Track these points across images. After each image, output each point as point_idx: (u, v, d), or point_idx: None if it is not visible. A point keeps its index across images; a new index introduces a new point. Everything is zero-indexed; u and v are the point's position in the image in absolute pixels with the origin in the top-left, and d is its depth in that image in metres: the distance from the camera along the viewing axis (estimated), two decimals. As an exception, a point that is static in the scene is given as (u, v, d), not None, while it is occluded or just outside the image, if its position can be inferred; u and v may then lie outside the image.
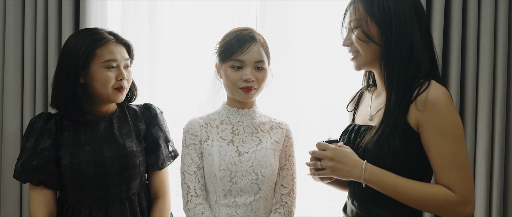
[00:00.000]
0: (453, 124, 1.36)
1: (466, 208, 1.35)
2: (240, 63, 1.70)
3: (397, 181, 1.39)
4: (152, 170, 1.92)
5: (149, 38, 2.40)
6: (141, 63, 2.35)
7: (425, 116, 1.38)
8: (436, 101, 1.37)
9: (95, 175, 1.74)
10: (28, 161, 1.72)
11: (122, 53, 1.80)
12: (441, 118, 1.36)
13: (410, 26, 1.44)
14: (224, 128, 1.80)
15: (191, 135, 1.78)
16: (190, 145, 1.77)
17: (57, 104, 1.77)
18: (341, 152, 1.45)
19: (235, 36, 1.73)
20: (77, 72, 1.71)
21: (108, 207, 1.78)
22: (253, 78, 1.70)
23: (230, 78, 1.72)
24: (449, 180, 1.36)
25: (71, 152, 1.75)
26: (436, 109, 1.37)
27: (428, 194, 1.37)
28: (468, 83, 2.19)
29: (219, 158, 1.72)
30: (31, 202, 1.76)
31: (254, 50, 1.71)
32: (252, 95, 1.74)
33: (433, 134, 1.37)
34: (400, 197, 1.39)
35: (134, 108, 1.95)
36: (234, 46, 1.71)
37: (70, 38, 1.77)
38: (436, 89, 1.38)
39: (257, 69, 1.72)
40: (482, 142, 2.19)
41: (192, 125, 1.80)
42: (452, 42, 2.17)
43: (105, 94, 1.76)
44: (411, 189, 1.38)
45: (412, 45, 1.43)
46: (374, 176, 1.41)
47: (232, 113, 1.81)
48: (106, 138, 1.80)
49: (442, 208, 1.36)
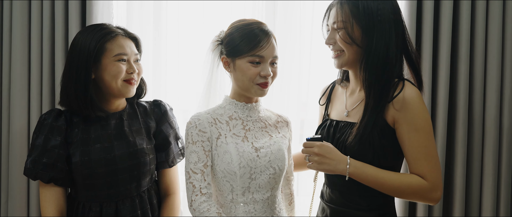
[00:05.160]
0: (425, 121, 1.54)
1: (437, 193, 1.54)
2: (259, 59, 1.65)
3: (378, 173, 1.56)
4: (162, 168, 1.91)
5: (154, 36, 2.40)
6: (146, 60, 2.34)
7: (401, 114, 1.55)
8: (411, 101, 1.54)
9: (105, 173, 1.74)
10: (38, 158, 1.72)
11: (132, 47, 1.80)
12: (415, 116, 1.53)
13: (388, 32, 1.57)
14: (235, 124, 1.74)
15: (199, 131, 1.68)
16: (197, 141, 1.68)
17: (67, 102, 1.75)
18: (327, 148, 1.59)
19: (255, 29, 1.67)
20: (89, 68, 1.69)
21: (119, 204, 1.78)
22: (270, 73, 1.67)
23: (247, 74, 1.66)
24: (422, 170, 1.54)
25: (82, 149, 1.74)
26: (411, 108, 1.54)
27: (404, 182, 1.54)
28: (476, 81, 2.19)
29: (238, 155, 1.66)
30: (41, 199, 1.75)
31: (272, 46, 1.68)
32: (267, 91, 1.71)
33: (408, 130, 1.54)
34: (380, 187, 1.56)
35: (144, 105, 1.94)
36: (255, 39, 1.65)
37: (78, 35, 1.76)
38: (411, 90, 1.55)
39: (272, 65, 1.70)
40: (490, 140, 2.19)
41: (200, 120, 1.70)
42: (460, 40, 2.17)
43: (115, 87, 1.74)
44: (390, 179, 1.55)
45: (388, 50, 1.57)
46: (357, 169, 1.56)
47: (240, 107, 1.75)
48: (117, 135, 1.79)
49: (416, 194, 1.55)
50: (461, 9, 2.18)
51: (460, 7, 2.18)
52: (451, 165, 2.26)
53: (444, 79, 2.18)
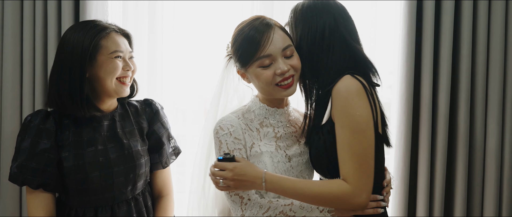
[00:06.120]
0: (350, 117, 1.41)
1: (360, 198, 1.42)
2: (268, 59, 1.51)
3: (296, 185, 1.47)
4: (155, 169, 1.87)
5: (149, 35, 2.37)
6: (141, 60, 2.31)
7: (333, 108, 1.46)
8: (338, 95, 1.44)
9: (100, 177, 1.68)
10: (25, 163, 1.63)
11: (126, 44, 1.75)
12: (342, 111, 1.43)
13: None
14: (266, 132, 1.62)
15: (234, 139, 1.55)
16: (234, 150, 1.55)
17: (59, 103, 1.66)
18: (240, 170, 1.49)
19: (248, 32, 1.53)
20: (84, 66, 1.62)
21: (114, 209, 1.73)
22: (288, 67, 1.52)
23: (262, 79, 1.53)
24: (345, 172, 1.43)
25: (74, 153, 1.68)
26: (338, 102, 1.44)
27: (325, 190, 1.44)
28: (478, 81, 2.18)
29: (272, 166, 1.57)
30: (30, 206, 1.67)
31: (276, 38, 1.52)
32: (294, 87, 1.56)
33: (336, 126, 1.45)
34: (301, 198, 1.48)
35: (135, 104, 1.89)
36: (252, 43, 1.51)
37: (68, 33, 1.68)
38: (342, 82, 1.44)
39: (287, 57, 1.54)
40: (492, 139, 2.17)
41: (234, 127, 1.56)
42: (462, 40, 2.16)
43: (110, 86, 1.68)
44: (309, 188, 1.46)
45: None
46: (274, 184, 1.47)
47: (271, 113, 1.64)
48: (110, 137, 1.75)
49: (338, 200, 1.43)
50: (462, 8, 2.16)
51: (461, 7, 2.16)
52: (452, 164, 2.24)
53: (445, 78, 2.16)
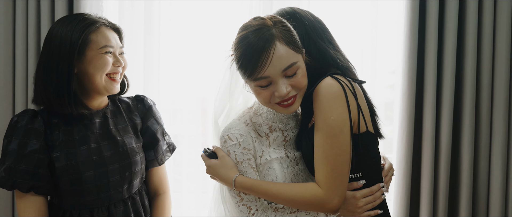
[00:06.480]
0: (324, 121, 1.39)
1: (332, 202, 1.40)
2: (265, 81, 1.39)
3: (268, 189, 1.45)
4: (151, 166, 1.82)
5: (145, 34, 2.34)
6: (137, 58, 2.29)
7: (314, 110, 1.43)
8: (316, 97, 1.41)
9: (94, 176, 1.62)
10: (14, 165, 1.55)
11: (116, 39, 1.69)
12: (318, 114, 1.40)
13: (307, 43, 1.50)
14: (275, 137, 1.55)
15: (243, 149, 1.48)
16: (243, 161, 1.49)
17: (46, 100, 1.60)
18: (213, 170, 1.54)
19: (248, 45, 1.37)
20: (72, 61, 1.56)
21: (111, 209, 1.67)
22: (288, 90, 1.40)
23: (260, 97, 1.44)
24: (318, 175, 1.42)
25: (66, 152, 1.61)
26: (316, 104, 1.41)
27: (297, 194, 1.42)
28: (483, 78, 2.17)
29: (282, 173, 1.52)
30: (20, 211, 1.60)
31: (277, 58, 1.36)
32: (296, 105, 1.45)
33: (315, 128, 1.43)
34: (275, 201, 1.46)
35: (126, 101, 1.84)
36: (250, 62, 1.37)
37: (55, 26, 1.60)
38: (324, 83, 1.41)
39: (290, 76, 1.41)
40: (498, 137, 2.16)
41: (243, 136, 1.48)
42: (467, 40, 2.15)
43: (99, 82, 1.62)
44: (281, 193, 1.44)
45: None
46: (246, 189, 1.47)
47: (279, 117, 1.54)
48: (103, 135, 1.69)
49: (311, 204, 1.42)
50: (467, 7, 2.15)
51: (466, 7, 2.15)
52: (457, 163, 2.22)
53: (449, 76, 2.14)
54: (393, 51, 2.28)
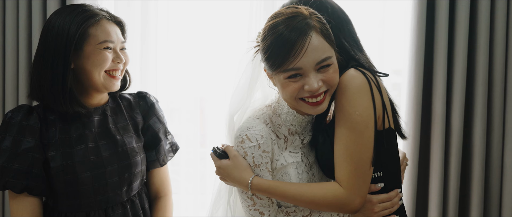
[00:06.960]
0: (348, 116, 1.31)
1: (354, 203, 1.34)
2: (297, 72, 1.30)
3: (287, 190, 1.38)
4: (152, 167, 1.75)
5: (142, 32, 2.29)
6: (134, 56, 2.23)
7: (335, 103, 1.38)
8: (339, 90, 1.34)
9: (92, 178, 1.54)
10: (7, 164, 1.48)
11: (118, 33, 1.59)
12: (341, 108, 1.33)
13: None
14: (293, 140, 1.48)
15: (262, 152, 1.40)
16: (261, 164, 1.41)
17: (41, 95, 1.52)
18: (224, 171, 1.46)
19: (281, 33, 1.29)
20: (68, 55, 1.47)
21: (108, 212, 1.60)
22: (319, 85, 1.31)
23: (287, 91, 1.33)
24: (339, 174, 1.35)
25: (62, 152, 1.53)
26: (338, 97, 1.35)
27: (318, 195, 1.36)
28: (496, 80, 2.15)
29: (297, 178, 1.45)
30: (13, 213, 1.52)
31: (312, 49, 1.28)
32: (325, 104, 1.36)
33: (336, 123, 1.36)
34: (294, 203, 1.40)
35: (128, 97, 1.75)
36: (282, 50, 1.28)
37: (54, 17, 1.52)
38: (345, 76, 1.35)
39: (322, 69, 1.31)
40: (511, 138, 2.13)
41: (264, 137, 1.40)
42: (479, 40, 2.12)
43: (98, 80, 1.53)
44: (301, 194, 1.37)
45: None
46: (261, 190, 1.40)
47: (299, 121, 1.46)
48: (101, 133, 1.61)
49: (332, 205, 1.35)
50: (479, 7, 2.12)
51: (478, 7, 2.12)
52: (468, 162, 2.20)
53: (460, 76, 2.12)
54: (400, 51, 2.26)
